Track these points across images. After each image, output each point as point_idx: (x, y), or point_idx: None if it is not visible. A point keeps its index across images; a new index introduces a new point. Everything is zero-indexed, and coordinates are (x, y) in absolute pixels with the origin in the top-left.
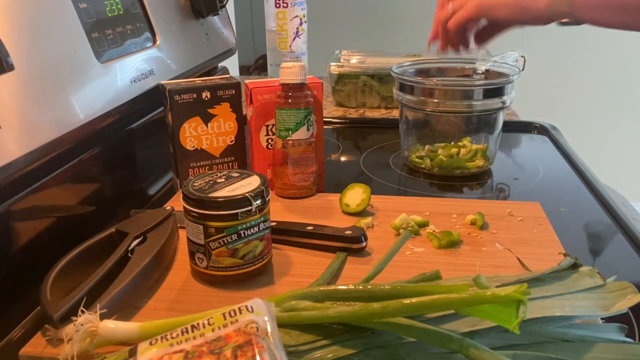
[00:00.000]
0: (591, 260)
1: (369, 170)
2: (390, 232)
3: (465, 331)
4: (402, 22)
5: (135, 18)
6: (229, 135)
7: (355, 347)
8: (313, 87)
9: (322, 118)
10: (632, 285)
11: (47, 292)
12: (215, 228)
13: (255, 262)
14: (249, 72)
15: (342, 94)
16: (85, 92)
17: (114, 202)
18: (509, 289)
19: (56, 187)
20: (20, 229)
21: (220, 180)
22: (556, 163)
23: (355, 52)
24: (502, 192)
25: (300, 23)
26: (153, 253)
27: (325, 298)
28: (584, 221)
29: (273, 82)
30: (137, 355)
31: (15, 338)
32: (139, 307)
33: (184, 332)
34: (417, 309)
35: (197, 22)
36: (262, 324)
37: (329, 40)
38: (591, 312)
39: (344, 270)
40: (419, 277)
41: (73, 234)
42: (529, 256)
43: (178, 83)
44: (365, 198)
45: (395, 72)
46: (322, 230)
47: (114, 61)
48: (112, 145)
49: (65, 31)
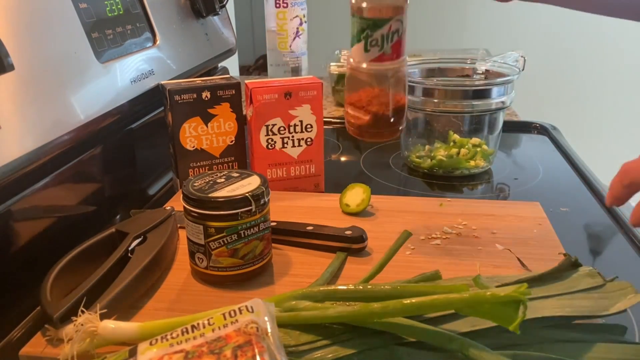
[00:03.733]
0: (591, 260)
1: (369, 170)
2: (390, 232)
3: (465, 331)
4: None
5: (135, 18)
6: (229, 135)
7: (355, 347)
8: (313, 87)
9: (322, 118)
10: (632, 285)
11: (47, 292)
12: (215, 228)
13: (255, 262)
14: (249, 72)
15: (342, 94)
16: (85, 92)
17: (114, 202)
18: (509, 289)
19: (56, 187)
20: (20, 229)
21: (220, 180)
22: (556, 163)
23: None
24: (502, 192)
25: (300, 23)
26: (153, 253)
27: (325, 298)
28: (584, 221)
29: (273, 82)
30: (137, 355)
31: (15, 338)
32: (139, 307)
33: (184, 332)
34: (417, 309)
35: (197, 22)
36: (262, 324)
37: (329, 40)
38: (591, 312)
39: (344, 270)
40: (419, 277)
41: (73, 234)
42: (529, 256)
43: (178, 83)
44: (365, 198)
45: None
46: (322, 230)
47: (114, 61)
48: (112, 145)
49: (65, 31)
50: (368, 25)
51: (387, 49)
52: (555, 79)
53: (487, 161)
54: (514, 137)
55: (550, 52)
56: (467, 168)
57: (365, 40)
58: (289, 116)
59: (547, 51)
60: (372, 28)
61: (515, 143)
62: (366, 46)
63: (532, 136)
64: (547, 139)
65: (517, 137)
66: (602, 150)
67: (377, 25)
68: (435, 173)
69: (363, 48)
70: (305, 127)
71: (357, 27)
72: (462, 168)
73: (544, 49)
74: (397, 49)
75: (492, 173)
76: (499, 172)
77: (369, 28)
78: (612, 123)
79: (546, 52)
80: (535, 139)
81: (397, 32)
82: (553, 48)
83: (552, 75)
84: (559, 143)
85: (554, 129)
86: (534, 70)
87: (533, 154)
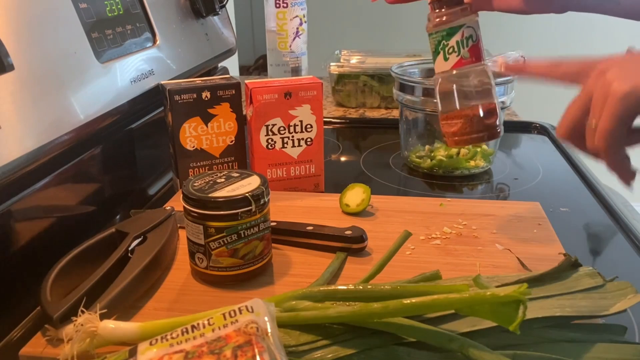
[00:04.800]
0: (591, 260)
1: (369, 170)
2: (391, 232)
3: (465, 331)
4: (402, 22)
5: (135, 18)
6: (229, 135)
7: (355, 347)
8: (313, 87)
9: (322, 118)
10: (632, 285)
11: (47, 292)
12: (215, 228)
13: (255, 262)
14: (249, 72)
15: (342, 94)
16: (85, 92)
17: (114, 202)
18: (509, 289)
19: (56, 187)
20: (20, 229)
21: (220, 180)
22: (556, 163)
23: (355, 52)
24: (502, 192)
25: (300, 23)
26: (153, 253)
27: (325, 298)
28: (584, 221)
29: (273, 82)
30: (137, 355)
31: (15, 338)
32: (139, 307)
33: (184, 332)
34: (417, 309)
35: (197, 22)
36: (262, 324)
37: (329, 40)
38: (591, 312)
39: (344, 270)
40: (419, 277)
41: (73, 234)
42: (529, 256)
43: (178, 83)
44: (365, 198)
45: (395, 72)
46: (322, 230)
47: (114, 61)
48: (112, 145)
49: (65, 31)
50: (442, 37)
51: (465, 54)
52: None
53: (487, 161)
54: (514, 137)
55: (550, 52)
56: (467, 168)
57: (443, 51)
58: (289, 116)
59: (547, 51)
60: (447, 38)
61: (515, 143)
62: (445, 55)
63: (532, 136)
64: (547, 139)
65: (517, 137)
66: None
67: (450, 34)
68: (435, 173)
69: (443, 58)
70: (305, 127)
71: (435, 42)
72: (462, 168)
73: (544, 49)
74: (475, 53)
75: (492, 173)
76: (499, 172)
77: (444, 39)
78: None
79: (546, 52)
80: (535, 139)
81: (471, 38)
82: (553, 48)
83: None
84: (559, 143)
85: (554, 129)
86: None
87: (533, 154)
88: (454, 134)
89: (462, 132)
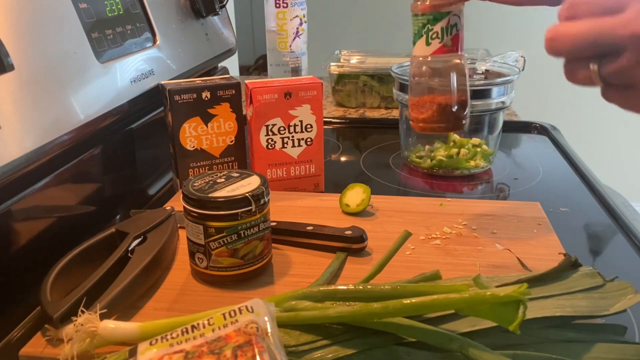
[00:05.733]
0: (591, 260)
1: (369, 170)
2: (390, 232)
3: (465, 331)
4: (402, 22)
5: (135, 18)
6: (229, 135)
7: (355, 347)
8: (313, 87)
9: (322, 118)
10: (632, 285)
11: (47, 292)
12: (215, 228)
13: (255, 262)
14: (249, 72)
15: (342, 94)
16: (85, 92)
17: (114, 202)
18: (509, 289)
19: (56, 187)
20: (20, 229)
21: (220, 180)
22: (556, 163)
23: (355, 52)
24: (502, 192)
25: (300, 23)
26: (153, 253)
27: (325, 298)
28: (584, 221)
29: (273, 82)
30: (137, 355)
31: (15, 338)
32: (139, 307)
33: (184, 332)
34: (417, 309)
35: (197, 22)
36: (262, 324)
37: (329, 40)
38: (591, 312)
39: (344, 270)
40: (419, 277)
41: (73, 234)
42: (529, 256)
43: (178, 83)
44: (365, 198)
45: (395, 72)
46: (322, 230)
47: (114, 61)
48: (112, 145)
49: (65, 31)
50: (428, 20)
51: (447, 42)
52: (555, 79)
53: (487, 161)
54: (514, 137)
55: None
56: (467, 168)
57: (426, 35)
58: (289, 116)
59: None
60: (432, 22)
61: (515, 143)
62: (427, 40)
63: (532, 136)
64: (547, 139)
65: (517, 137)
66: (602, 150)
67: (436, 19)
68: (435, 173)
69: (425, 42)
70: (305, 127)
71: (419, 24)
72: (462, 168)
73: (544, 49)
74: (457, 42)
75: (492, 173)
76: (499, 172)
77: (430, 22)
78: (612, 123)
79: (546, 52)
80: (535, 139)
81: (456, 26)
82: None
83: (552, 75)
84: (559, 143)
85: (554, 129)
86: (534, 70)
87: (533, 154)
88: (423, 120)
89: (430, 119)
